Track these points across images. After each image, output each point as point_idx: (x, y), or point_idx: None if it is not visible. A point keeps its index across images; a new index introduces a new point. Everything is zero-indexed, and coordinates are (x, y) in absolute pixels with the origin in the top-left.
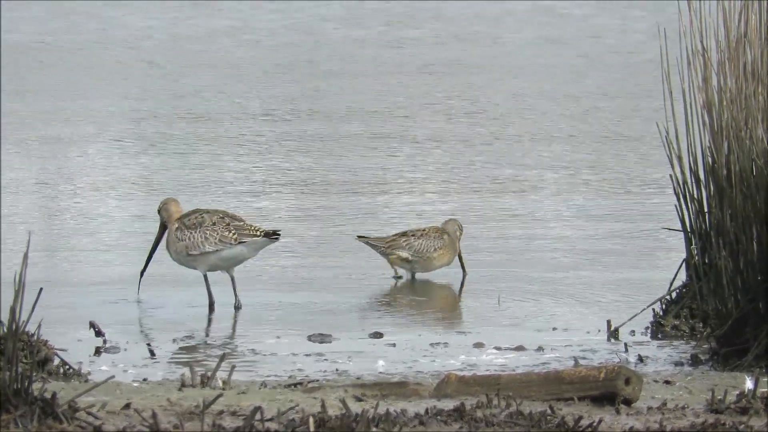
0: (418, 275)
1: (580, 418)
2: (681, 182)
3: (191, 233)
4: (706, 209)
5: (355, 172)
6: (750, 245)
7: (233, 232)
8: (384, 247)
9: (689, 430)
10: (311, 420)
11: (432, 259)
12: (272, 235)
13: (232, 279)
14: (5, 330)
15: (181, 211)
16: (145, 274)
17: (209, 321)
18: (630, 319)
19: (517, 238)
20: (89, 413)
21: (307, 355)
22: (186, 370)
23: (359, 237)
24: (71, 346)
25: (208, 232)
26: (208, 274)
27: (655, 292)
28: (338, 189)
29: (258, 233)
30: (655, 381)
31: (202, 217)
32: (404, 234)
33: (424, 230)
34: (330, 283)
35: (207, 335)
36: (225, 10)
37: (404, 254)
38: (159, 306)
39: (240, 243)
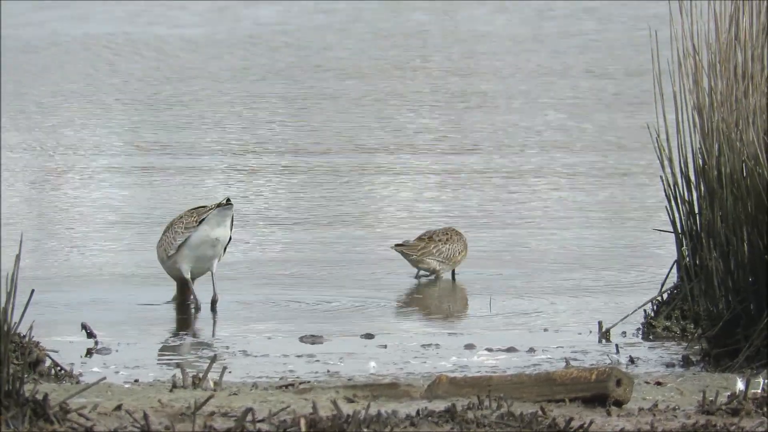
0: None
1: (571, 419)
2: (672, 184)
3: (165, 236)
4: (696, 211)
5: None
6: (741, 246)
7: (194, 216)
8: (417, 255)
9: None
10: (302, 421)
11: (456, 262)
12: (224, 204)
13: (212, 275)
14: None
15: None
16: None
17: (200, 322)
18: (621, 321)
19: (508, 240)
20: (81, 414)
21: (298, 356)
22: (177, 372)
23: (396, 246)
24: (63, 347)
25: (176, 227)
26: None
27: (647, 293)
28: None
29: (213, 207)
30: (647, 382)
31: (172, 220)
32: (431, 239)
33: (446, 234)
34: (321, 284)
35: (198, 336)
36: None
37: (436, 263)
38: (150, 307)
39: (201, 222)
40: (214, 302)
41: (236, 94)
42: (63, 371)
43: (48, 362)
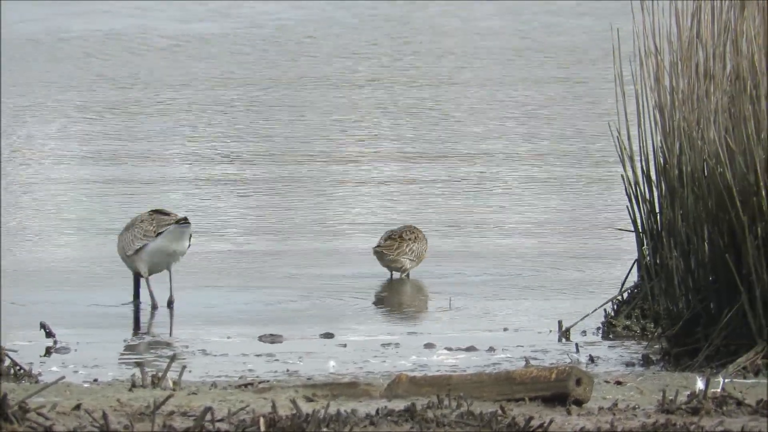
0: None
1: (531, 418)
2: (633, 183)
3: (126, 234)
4: (657, 210)
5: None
6: (701, 246)
7: (154, 225)
8: (394, 254)
9: (640, 431)
10: (262, 420)
11: (422, 260)
12: (181, 222)
13: (170, 274)
14: None
15: None
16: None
17: (159, 321)
18: (581, 320)
19: (468, 238)
20: (40, 414)
21: (257, 355)
22: (136, 371)
23: (377, 247)
24: (21, 346)
25: (136, 230)
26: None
27: (607, 292)
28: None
29: (171, 222)
30: (606, 381)
31: (135, 217)
32: (401, 238)
33: (412, 233)
34: (280, 283)
35: (157, 335)
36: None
37: (408, 262)
38: (110, 306)
39: (158, 234)
40: (170, 303)
41: (207, 98)
42: (22, 370)
43: (7, 362)
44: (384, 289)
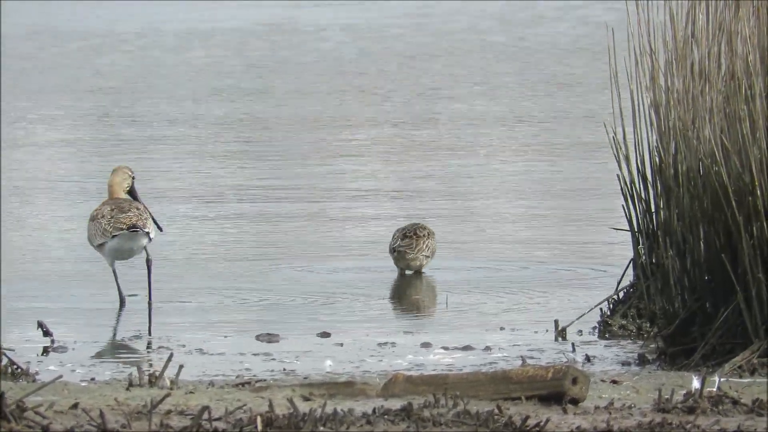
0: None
1: (528, 417)
2: (628, 182)
3: (91, 225)
4: (653, 209)
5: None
6: (697, 245)
7: (111, 225)
8: (415, 252)
9: (636, 430)
10: (259, 419)
11: (433, 256)
12: (131, 229)
13: (149, 271)
14: None
15: (123, 187)
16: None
17: (156, 320)
18: (577, 319)
19: (465, 238)
20: (37, 413)
21: (254, 354)
22: (134, 370)
23: (399, 246)
24: (19, 345)
25: (98, 224)
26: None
27: (603, 291)
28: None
29: (124, 227)
30: (603, 380)
31: (101, 208)
32: (416, 235)
33: (424, 229)
34: (277, 282)
35: (154, 334)
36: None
37: (424, 259)
38: (107, 305)
39: (113, 236)
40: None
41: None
42: (19, 369)
43: (4, 360)
44: (380, 288)
